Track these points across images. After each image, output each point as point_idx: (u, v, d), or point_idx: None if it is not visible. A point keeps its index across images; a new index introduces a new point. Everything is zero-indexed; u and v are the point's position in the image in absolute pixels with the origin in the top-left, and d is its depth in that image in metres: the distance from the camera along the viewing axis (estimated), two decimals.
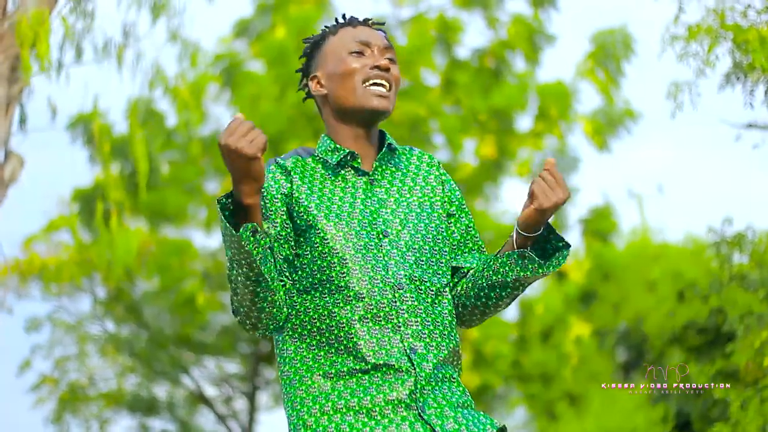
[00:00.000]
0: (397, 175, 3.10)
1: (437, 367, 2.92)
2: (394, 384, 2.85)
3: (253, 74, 15.35)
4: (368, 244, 2.93)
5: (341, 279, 2.90)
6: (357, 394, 2.83)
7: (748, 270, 8.00)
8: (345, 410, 2.82)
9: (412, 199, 3.07)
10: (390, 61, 3.08)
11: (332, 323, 2.89)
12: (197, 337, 19.30)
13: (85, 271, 18.32)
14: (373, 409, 2.82)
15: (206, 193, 16.45)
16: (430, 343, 2.92)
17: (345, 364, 2.87)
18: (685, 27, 6.54)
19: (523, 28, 15.64)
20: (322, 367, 2.88)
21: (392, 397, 2.83)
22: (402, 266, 2.94)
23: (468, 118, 15.38)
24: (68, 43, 7.88)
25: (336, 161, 3.01)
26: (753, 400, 7.13)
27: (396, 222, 3.00)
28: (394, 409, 2.82)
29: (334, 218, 2.94)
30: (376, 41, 3.09)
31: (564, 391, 17.12)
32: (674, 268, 14.07)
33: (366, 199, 3.00)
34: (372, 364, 2.85)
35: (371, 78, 3.02)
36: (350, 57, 3.05)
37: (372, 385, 2.84)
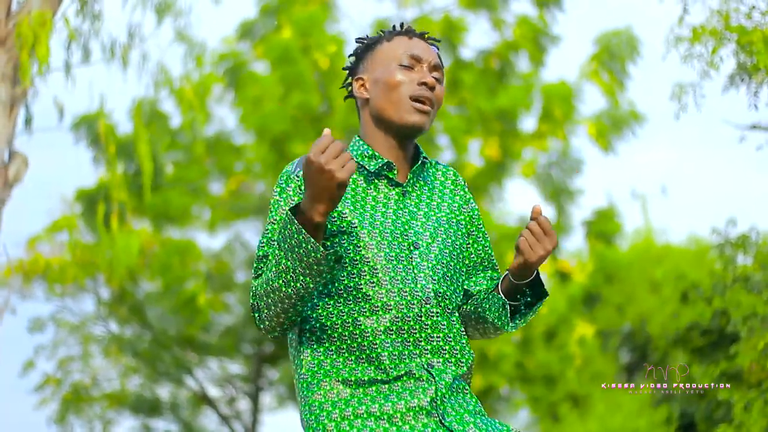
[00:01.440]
0: (426, 188, 3.09)
1: (455, 380, 2.93)
2: (415, 392, 2.84)
3: (257, 75, 15.35)
4: (399, 255, 2.91)
5: (370, 288, 2.88)
6: (378, 400, 2.82)
7: (752, 271, 8.00)
8: (366, 416, 2.80)
9: (441, 214, 3.06)
10: (437, 81, 3.07)
11: (356, 331, 2.87)
12: (200, 338, 19.30)
13: (89, 272, 18.32)
14: (395, 415, 2.80)
15: (210, 194, 16.46)
16: (449, 359, 2.93)
17: (365, 373, 2.85)
18: (690, 28, 6.54)
19: (528, 29, 15.64)
20: (341, 373, 2.86)
21: (413, 404, 2.82)
22: (431, 280, 2.93)
23: (473, 119, 15.38)
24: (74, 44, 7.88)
25: (374, 169, 2.99)
26: (757, 401, 7.13)
27: (426, 235, 2.99)
28: (415, 416, 2.80)
29: (368, 226, 2.92)
30: (428, 57, 3.07)
31: (567, 393, 17.11)
32: (678, 269, 14.06)
33: (398, 210, 2.98)
34: (393, 376, 2.84)
35: (416, 94, 3.00)
36: (399, 69, 3.03)
37: (392, 393, 2.83)
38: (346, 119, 14.71)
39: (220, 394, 20.53)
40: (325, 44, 15.06)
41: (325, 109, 15.28)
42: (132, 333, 19.61)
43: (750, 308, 7.57)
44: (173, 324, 18.93)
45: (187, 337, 19.04)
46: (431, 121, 3.04)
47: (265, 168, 15.38)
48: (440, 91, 3.06)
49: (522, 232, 2.96)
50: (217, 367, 20.51)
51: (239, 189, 16.30)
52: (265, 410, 20.88)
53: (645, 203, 18.63)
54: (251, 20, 16.03)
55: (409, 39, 3.09)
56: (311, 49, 15.04)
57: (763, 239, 8.09)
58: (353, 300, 2.88)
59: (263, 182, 16.06)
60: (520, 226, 16.22)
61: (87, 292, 19.22)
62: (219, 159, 16.03)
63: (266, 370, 20.72)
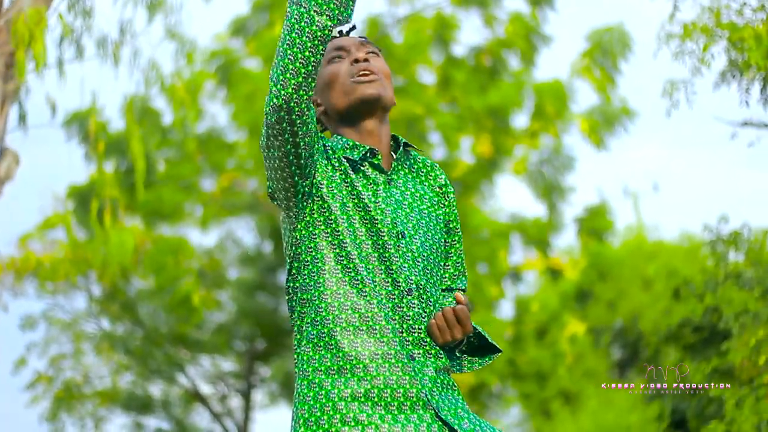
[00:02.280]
0: (410, 178, 3.09)
1: (438, 373, 2.92)
2: (413, 380, 2.83)
3: (249, 72, 15.35)
4: (387, 243, 2.91)
5: (357, 273, 2.88)
6: (377, 384, 2.80)
7: (744, 268, 8.01)
8: (364, 399, 2.79)
9: (423, 206, 3.06)
10: (371, 54, 3.07)
11: (354, 315, 2.86)
12: (192, 335, 19.28)
13: (81, 269, 18.30)
14: (392, 403, 2.80)
15: (202, 191, 16.45)
16: (429, 350, 2.91)
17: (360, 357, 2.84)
18: (681, 25, 6.54)
19: (520, 27, 15.65)
20: (324, 363, 2.84)
21: (412, 393, 2.82)
22: (413, 271, 2.93)
23: (464, 116, 15.39)
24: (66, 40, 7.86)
25: (358, 157, 2.98)
26: (748, 398, 7.14)
27: (410, 226, 2.98)
28: (411, 407, 2.80)
29: (359, 213, 2.92)
30: (351, 42, 3.09)
31: (559, 390, 17.13)
32: (670, 266, 14.09)
33: (386, 198, 2.98)
34: (389, 363, 2.83)
35: (354, 73, 3.01)
36: (330, 65, 3.06)
37: (393, 376, 2.82)
38: None
39: (212, 391, 20.53)
40: None
41: None
42: (124, 330, 19.59)
43: (742, 305, 7.58)
44: (165, 321, 18.92)
45: (179, 335, 19.02)
46: (387, 91, 3.03)
47: (258, 165, 15.37)
48: (378, 62, 3.06)
49: (435, 315, 2.93)
50: (209, 365, 20.50)
51: (231, 186, 16.29)
52: (257, 407, 20.88)
53: (637, 200, 18.66)
54: (243, 16, 16.02)
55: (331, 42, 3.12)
56: None
57: (755, 236, 8.10)
58: (349, 283, 2.87)
59: (255, 179, 16.05)
60: (512, 223, 16.23)
61: (79, 290, 19.20)
62: (211, 156, 16.02)
63: (258, 368, 20.71)
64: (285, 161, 2.85)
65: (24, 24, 6.84)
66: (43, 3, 7.25)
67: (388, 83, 3.05)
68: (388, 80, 3.06)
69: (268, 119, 2.80)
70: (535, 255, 16.79)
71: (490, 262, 15.78)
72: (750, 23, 6.41)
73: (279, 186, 2.90)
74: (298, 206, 2.92)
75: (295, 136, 2.81)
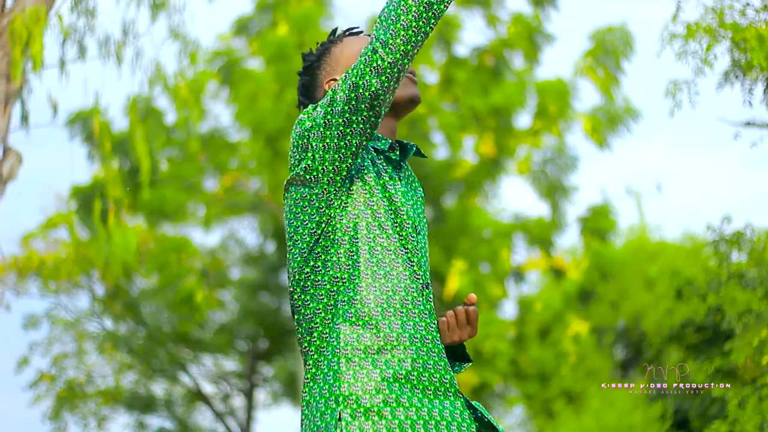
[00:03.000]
0: (408, 175, 3.10)
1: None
2: (448, 366, 2.87)
3: (252, 72, 15.35)
4: (410, 235, 2.93)
5: (390, 259, 2.90)
6: (417, 367, 2.82)
7: (747, 268, 8.00)
8: (404, 381, 2.80)
9: (418, 206, 3.08)
10: None
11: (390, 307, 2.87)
12: (195, 335, 19.31)
13: (84, 269, 18.32)
14: (429, 387, 2.82)
15: (205, 191, 16.46)
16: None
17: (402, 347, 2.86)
18: (684, 25, 6.54)
19: (522, 27, 15.65)
20: (363, 342, 2.83)
21: (446, 380, 2.85)
22: (426, 267, 2.97)
23: (467, 116, 15.39)
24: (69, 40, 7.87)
25: (385, 148, 3.00)
26: (751, 398, 7.14)
27: (420, 224, 3.02)
28: (445, 392, 2.83)
29: (386, 201, 2.93)
30: None
31: (562, 390, 17.13)
32: (672, 266, 14.07)
33: (406, 191, 3.01)
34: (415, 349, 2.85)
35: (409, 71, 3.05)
36: None
37: (430, 361, 2.84)
38: None
39: (215, 390, 20.55)
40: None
41: None
42: (126, 330, 19.61)
43: (745, 305, 7.57)
44: (168, 321, 18.94)
45: (181, 334, 19.05)
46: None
47: (260, 165, 15.39)
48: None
49: (446, 313, 2.97)
50: (211, 364, 20.53)
51: (234, 186, 16.30)
52: (259, 407, 20.90)
53: (640, 200, 18.65)
54: (246, 16, 16.03)
55: (356, 37, 3.19)
56: (306, 45, 15.04)
57: (758, 236, 8.09)
58: (386, 267, 2.88)
59: (258, 179, 16.06)
60: (515, 222, 16.24)
61: (82, 289, 19.22)
62: (214, 156, 16.03)
63: (261, 367, 20.72)
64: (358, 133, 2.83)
65: (22, 23, 6.84)
66: (45, 3, 7.25)
67: None
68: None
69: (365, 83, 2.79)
70: (538, 255, 16.80)
71: (493, 262, 15.79)
72: (753, 24, 6.41)
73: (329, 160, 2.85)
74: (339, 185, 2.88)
75: (381, 107, 2.81)
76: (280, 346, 19.53)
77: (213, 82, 15.95)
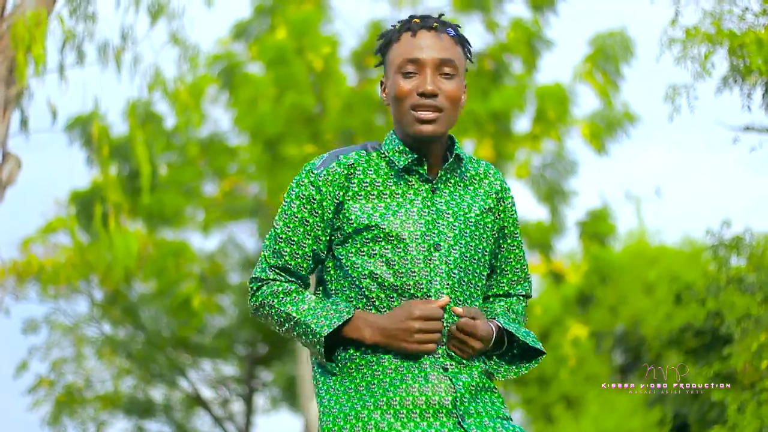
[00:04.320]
0: (460, 186, 3.04)
1: (476, 378, 2.95)
2: (437, 387, 2.85)
3: (251, 76, 15.34)
4: (417, 257, 2.90)
5: (386, 293, 2.92)
6: (399, 392, 2.84)
7: (746, 273, 8.00)
8: (385, 408, 2.83)
9: (471, 214, 3.02)
10: (444, 77, 2.98)
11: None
12: (194, 340, 19.30)
13: (83, 274, 18.31)
14: (413, 410, 2.82)
15: (204, 195, 16.45)
16: (461, 361, 2.93)
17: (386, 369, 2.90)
18: (683, 30, 6.54)
19: (522, 32, 15.64)
20: (354, 381, 2.92)
21: (434, 401, 2.84)
22: (445, 284, 2.92)
23: (466, 120, 15.38)
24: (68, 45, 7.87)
25: (403, 165, 2.97)
26: (750, 402, 7.14)
27: (450, 236, 2.96)
28: (434, 414, 2.83)
29: (390, 225, 2.92)
30: (429, 55, 2.99)
31: (561, 394, 17.12)
32: (672, 270, 14.07)
33: (424, 208, 2.96)
34: (412, 373, 2.87)
35: (417, 106, 2.94)
36: (400, 79, 2.97)
37: (415, 384, 2.85)
38: (340, 121, 14.71)
39: (214, 395, 20.54)
40: (320, 45, 15.05)
41: (319, 110, 15.28)
42: (125, 334, 19.60)
43: (744, 309, 7.58)
44: (167, 325, 18.93)
45: (180, 339, 19.04)
46: (445, 125, 2.96)
47: (260, 169, 15.37)
48: (450, 89, 2.96)
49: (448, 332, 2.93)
50: (210, 369, 20.52)
51: (233, 190, 16.29)
52: (258, 412, 20.88)
53: (639, 204, 18.66)
54: (245, 21, 16.02)
55: (413, 36, 3.03)
56: (305, 50, 15.04)
57: (757, 241, 8.10)
58: (380, 304, 2.92)
59: (257, 183, 16.05)
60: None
61: (81, 294, 19.22)
62: (213, 160, 16.02)
63: (259, 372, 20.72)
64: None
65: (24, 26, 6.84)
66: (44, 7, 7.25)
67: (451, 113, 2.99)
68: (454, 107, 2.99)
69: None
70: (538, 259, 16.77)
71: None
72: (752, 28, 6.42)
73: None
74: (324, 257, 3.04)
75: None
76: (279, 350, 19.52)
77: (212, 86, 15.93)
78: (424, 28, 3.04)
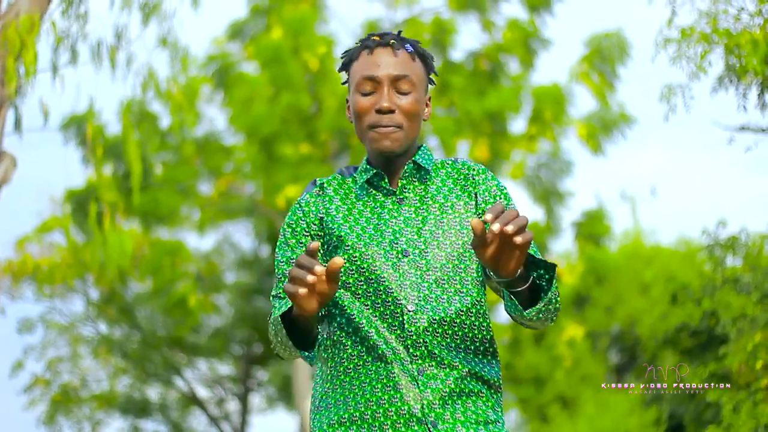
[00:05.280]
0: (427, 192, 3.06)
1: (454, 383, 2.91)
2: (406, 396, 2.86)
3: (246, 76, 15.34)
4: (385, 264, 2.93)
5: (359, 304, 2.96)
6: (370, 406, 2.87)
7: (741, 273, 8.00)
8: (349, 423, 2.88)
9: (442, 216, 3.03)
10: (402, 94, 3.01)
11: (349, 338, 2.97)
12: (190, 339, 19.30)
13: (78, 273, 18.31)
14: (385, 422, 2.84)
15: (199, 195, 16.44)
16: (442, 362, 2.91)
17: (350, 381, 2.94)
18: (679, 30, 6.54)
19: (518, 33, 15.65)
20: (329, 396, 2.98)
21: (404, 411, 2.85)
22: (417, 287, 2.93)
23: (462, 121, 15.38)
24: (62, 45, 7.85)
25: (362, 181, 3.04)
26: (746, 402, 7.13)
27: (420, 241, 2.97)
28: (405, 424, 2.84)
29: (356, 237, 2.97)
30: (384, 72, 3.01)
31: (556, 394, 17.12)
32: (667, 270, 14.06)
33: (390, 219, 3.00)
34: (381, 384, 2.89)
35: (375, 124, 2.99)
36: (359, 97, 3.02)
37: (385, 396, 2.87)
38: (335, 120, 14.70)
39: (209, 395, 20.54)
40: (315, 45, 15.06)
41: (314, 110, 15.28)
42: (121, 334, 19.60)
43: (739, 309, 7.58)
44: (162, 325, 18.93)
45: (176, 338, 19.04)
46: (405, 140, 2.99)
47: (255, 169, 15.37)
48: (407, 105, 3.00)
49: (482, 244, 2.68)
50: (206, 368, 20.52)
51: (228, 189, 16.29)
52: (254, 411, 20.88)
53: (634, 205, 18.63)
54: (241, 21, 16.02)
55: (369, 54, 3.04)
56: (301, 49, 15.04)
57: (753, 240, 8.10)
58: (355, 318, 2.95)
59: (253, 183, 16.05)
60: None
61: (76, 293, 19.21)
62: (208, 159, 16.02)
63: (255, 372, 20.71)
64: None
65: (15, 31, 6.82)
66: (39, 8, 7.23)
67: (410, 128, 3.00)
68: (412, 122, 3.01)
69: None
70: None
71: None
72: (747, 28, 6.41)
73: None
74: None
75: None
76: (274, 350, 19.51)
77: (208, 86, 15.93)
78: (380, 45, 3.05)
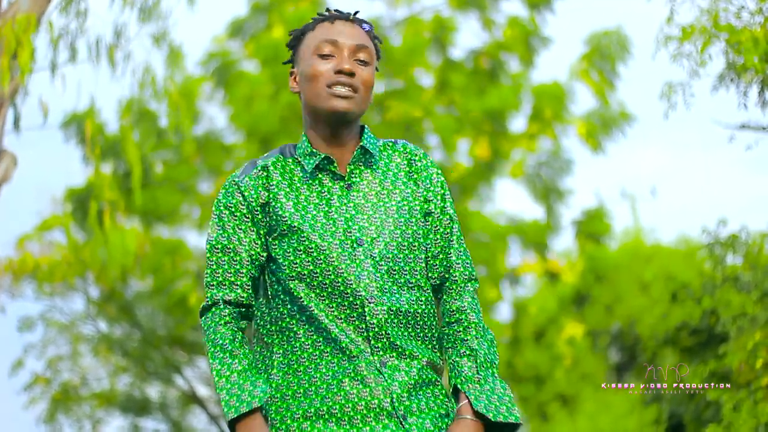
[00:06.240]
0: (375, 177, 3.03)
1: (415, 374, 2.89)
2: (375, 390, 2.83)
3: (246, 74, 15.33)
4: (342, 254, 2.89)
5: (316, 296, 2.89)
6: (338, 400, 2.82)
7: (742, 271, 8.00)
8: (315, 417, 2.82)
9: (390, 203, 3.00)
10: (360, 63, 3.00)
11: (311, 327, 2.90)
12: (190, 337, 19.28)
13: (79, 271, 18.30)
14: (355, 417, 2.80)
15: (199, 193, 16.43)
16: (403, 352, 2.89)
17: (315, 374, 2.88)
18: (679, 27, 6.54)
19: (518, 30, 15.63)
20: (291, 387, 2.90)
21: (374, 404, 2.82)
22: (374, 277, 2.89)
23: (462, 119, 15.37)
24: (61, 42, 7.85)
25: (311, 168, 2.97)
26: (746, 401, 7.13)
27: (372, 229, 2.94)
28: (375, 417, 2.80)
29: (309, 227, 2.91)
30: (347, 40, 3.00)
31: (557, 393, 17.12)
32: (667, 269, 14.07)
33: (341, 206, 2.95)
34: (348, 376, 2.84)
35: (334, 83, 2.95)
36: (317, 60, 2.99)
37: (353, 390, 2.83)
38: None
39: (210, 393, 20.52)
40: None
41: None
42: (121, 332, 19.59)
43: (739, 308, 7.57)
44: (163, 323, 18.92)
45: (176, 337, 19.02)
46: (360, 106, 2.97)
47: None
48: (366, 73, 2.99)
49: None
50: (206, 367, 20.50)
51: None
52: None
53: (634, 203, 18.63)
54: (241, 18, 16.00)
55: (331, 24, 3.03)
56: None
57: (753, 239, 8.10)
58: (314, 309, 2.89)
59: None
60: (510, 225, 16.22)
61: (76, 292, 19.20)
62: (208, 158, 16.01)
63: None
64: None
65: (11, 31, 6.81)
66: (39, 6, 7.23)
67: (366, 96, 3.00)
68: (367, 93, 3.00)
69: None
70: (533, 258, 16.78)
71: (489, 265, 15.77)
72: (748, 26, 6.40)
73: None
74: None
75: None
76: None
77: (208, 84, 15.92)
78: (341, 19, 3.04)
